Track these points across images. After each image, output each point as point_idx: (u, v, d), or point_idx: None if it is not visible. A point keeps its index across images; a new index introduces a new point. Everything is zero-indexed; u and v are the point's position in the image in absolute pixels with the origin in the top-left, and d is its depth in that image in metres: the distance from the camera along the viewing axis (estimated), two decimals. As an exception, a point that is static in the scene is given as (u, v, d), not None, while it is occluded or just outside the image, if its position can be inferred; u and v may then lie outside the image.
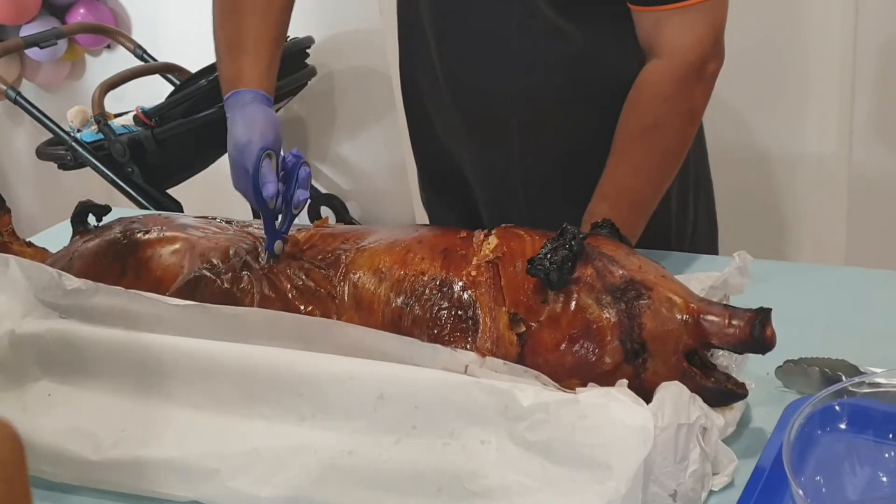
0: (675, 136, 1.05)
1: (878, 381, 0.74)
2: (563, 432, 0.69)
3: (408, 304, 0.83)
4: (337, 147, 2.66)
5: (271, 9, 1.11)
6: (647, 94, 1.03)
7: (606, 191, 1.05)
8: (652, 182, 1.06)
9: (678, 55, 1.00)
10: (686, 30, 0.99)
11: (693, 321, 0.76)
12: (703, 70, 1.01)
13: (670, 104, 1.02)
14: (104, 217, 1.17)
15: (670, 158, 1.06)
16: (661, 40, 1.01)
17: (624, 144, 1.05)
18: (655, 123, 1.03)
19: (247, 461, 0.79)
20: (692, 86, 1.02)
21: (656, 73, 1.02)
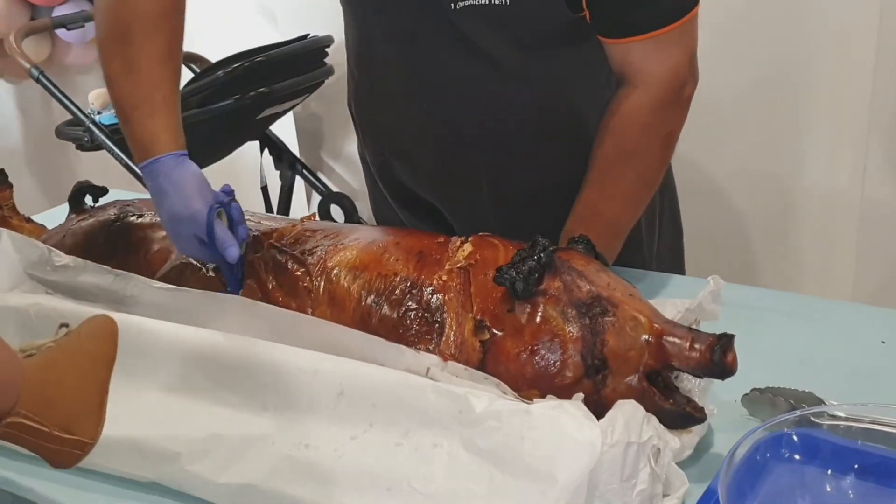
0: (653, 161, 1.05)
1: (837, 413, 0.74)
2: (513, 441, 0.70)
3: (377, 302, 0.84)
4: (351, 146, 2.67)
5: (171, 58, 1.00)
6: (624, 120, 1.02)
7: (582, 213, 1.05)
8: (628, 206, 1.06)
9: (654, 83, 1.00)
10: (660, 58, 0.99)
11: (656, 342, 0.76)
12: (679, 95, 1.01)
13: (649, 130, 1.02)
14: (101, 198, 1.20)
15: (647, 182, 1.06)
16: (635, 69, 1.00)
17: (601, 169, 1.04)
18: (634, 150, 1.03)
19: (207, 447, 0.80)
20: (669, 111, 1.02)
21: (633, 100, 1.01)
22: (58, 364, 0.74)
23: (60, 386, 0.73)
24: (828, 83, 1.87)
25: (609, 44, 1.01)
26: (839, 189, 1.96)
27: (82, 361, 0.74)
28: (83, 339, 0.76)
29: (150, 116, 0.97)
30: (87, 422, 0.72)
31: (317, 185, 2.54)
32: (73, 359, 0.74)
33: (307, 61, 2.33)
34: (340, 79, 2.57)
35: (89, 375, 0.74)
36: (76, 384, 0.73)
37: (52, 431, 0.70)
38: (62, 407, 0.72)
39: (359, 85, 1.21)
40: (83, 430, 0.72)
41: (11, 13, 2.84)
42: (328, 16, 2.38)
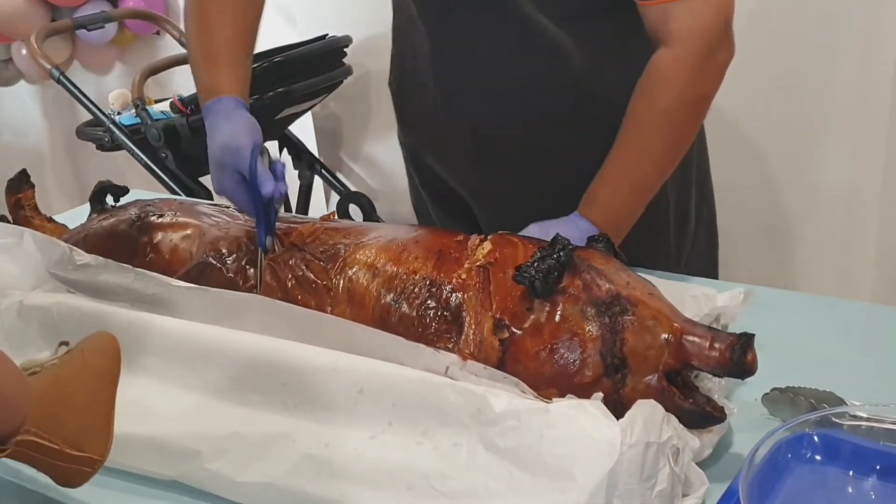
0: (683, 123, 1.04)
1: (859, 414, 0.74)
2: (532, 440, 0.70)
3: (397, 301, 0.85)
4: (369, 146, 2.68)
5: (241, 24, 1.14)
6: (655, 80, 1.02)
7: (608, 175, 1.05)
8: (656, 168, 1.05)
9: (687, 42, 1.00)
10: (694, 17, 0.99)
11: (675, 341, 0.76)
12: (712, 58, 1.01)
13: (679, 91, 1.01)
14: (122, 198, 1.21)
15: (677, 145, 1.05)
16: (669, 29, 1.00)
17: (631, 130, 1.04)
18: (664, 110, 1.02)
19: (227, 445, 0.81)
20: (702, 73, 1.01)
21: (665, 60, 1.02)
22: (64, 381, 0.74)
23: (68, 402, 0.73)
24: (849, 83, 1.86)
25: (645, 5, 1.01)
26: (860, 190, 1.94)
27: (88, 378, 0.75)
28: (87, 355, 0.76)
29: (215, 66, 1.10)
30: (97, 438, 0.72)
31: (335, 184, 2.55)
32: (78, 375, 0.75)
33: (326, 61, 2.34)
34: (359, 79, 2.58)
35: (96, 391, 0.74)
36: (84, 401, 0.73)
37: (62, 449, 0.70)
38: (71, 424, 0.72)
39: (398, 67, 1.23)
40: (93, 447, 0.72)
41: (32, 14, 2.87)
42: (347, 16, 2.40)
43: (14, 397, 0.70)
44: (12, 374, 0.71)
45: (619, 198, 1.03)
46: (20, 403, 0.70)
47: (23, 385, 0.71)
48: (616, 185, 1.04)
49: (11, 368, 0.71)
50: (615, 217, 1.04)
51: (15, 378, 0.71)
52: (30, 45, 2.27)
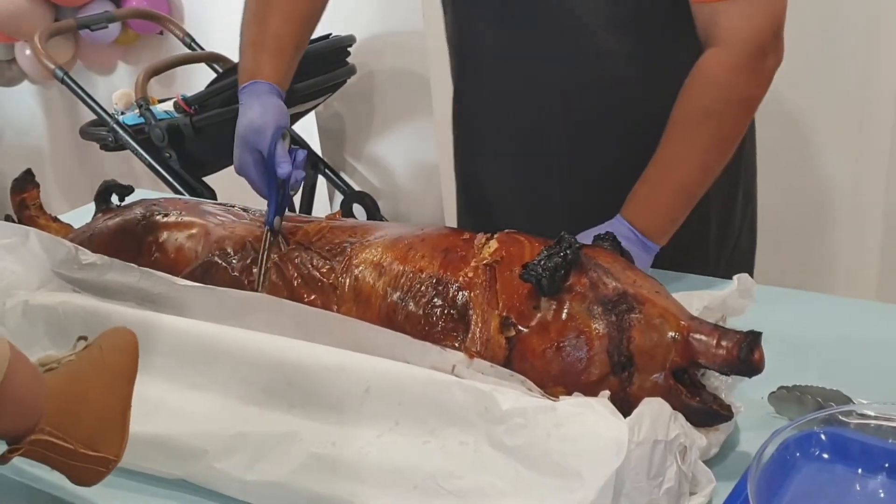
0: (728, 124, 1.03)
1: (866, 412, 0.74)
2: (539, 438, 0.70)
3: (403, 299, 0.85)
4: (372, 146, 2.69)
5: (296, 17, 1.17)
6: (701, 80, 1.02)
7: (652, 173, 1.04)
8: (700, 170, 1.04)
9: (735, 43, 1.00)
10: (744, 19, 0.99)
11: (682, 339, 0.76)
12: (760, 61, 1.00)
13: (724, 92, 1.01)
14: (127, 197, 1.21)
15: (720, 147, 1.04)
16: (718, 29, 1.00)
17: (675, 130, 1.04)
18: (708, 110, 1.02)
19: (234, 444, 0.81)
20: (748, 75, 1.01)
21: (712, 60, 1.01)
22: (81, 378, 0.73)
23: (84, 401, 0.72)
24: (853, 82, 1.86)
25: (698, 4, 1.01)
26: (865, 190, 1.94)
27: (105, 376, 0.74)
28: (105, 353, 0.76)
29: (260, 53, 1.14)
30: (111, 438, 0.72)
31: (339, 184, 2.55)
32: (96, 373, 0.74)
33: (329, 61, 2.34)
34: (362, 78, 2.58)
35: (112, 390, 0.74)
36: (100, 399, 0.73)
37: (76, 449, 0.70)
38: (86, 423, 0.71)
39: (456, 71, 1.25)
40: (107, 447, 0.72)
41: (36, 14, 2.87)
42: (350, 16, 2.40)
43: (30, 396, 0.70)
44: (28, 373, 0.70)
45: (662, 200, 1.02)
46: (36, 402, 0.70)
47: (39, 383, 0.71)
48: (659, 187, 1.03)
49: (27, 367, 0.71)
50: (658, 220, 1.04)
51: (31, 377, 0.71)
52: (34, 45, 2.27)
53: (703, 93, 1.02)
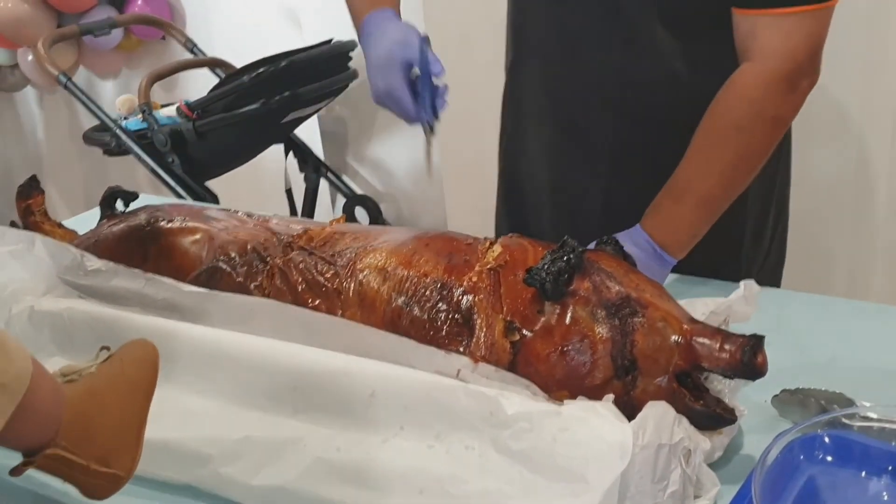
0: (756, 141, 1.03)
1: (869, 415, 0.74)
2: (544, 443, 0.70)
3: (408, 304, 0.85)
4: (375, 149, 2.69)
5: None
6: (733, 94, 1.01)
7: (673, 185, 1.04)
8: (724, 183, 1.04)
9: (770, 60, 0.99)
10: (782, 36, 0.99)
11: (685, 342, 0.76)
12: (795, 81, 1.00)
13: (755, 107, 1.00)
14: (132, 203, 1.21)
15: (747, 163, 1.04)
16: (756, 44, 1.00)
17: (701, 142, 1.03)
18: (737, 125, 1.01)
19: (240, 449, 0.81)
20: (781, 93, 1.00)
21: (746, 74, 1.01)
22: (99, 393, 0.74)
23: (101, 418, 0.73)
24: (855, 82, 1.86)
25: (739, 15, 1.01)
26: (866, 190, 1.94)
27: (123, 390, 0.75)
28: (125, 365, 0.76)
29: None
30: (124, 455, 0.73)
31: (341, 187, 2.55)
32: (114, 388, 0.75)
33: (331, 65, 2.35)
34: (364, 82, 2.57)
35: (129, 406, 0.75)
36: (116, 415, 0.74)
37: (89, 465, 0.71)
38: (101, 440, 0.72)
39: (511, 49, 1.26)
40: (119, 464, 0.72)
41: (39, 21, 2.88)
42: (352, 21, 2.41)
43: (47, 410, 0.70)
44: (47, 386, 0.71)
45: (684, 214, 1.02)
46: (53, 415, 0.70)
47: (57, 395, 0.71)
48: (680, 199, 1.03)
49: (46, 380, 0.71)
50: (678, 234, 1.03)
51: (49, 389, 0.71)
52: (37, 51, 2.28)
53: (733, 107, 1.01)
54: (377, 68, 1.10)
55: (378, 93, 1.11)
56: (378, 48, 1.10)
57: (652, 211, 1.04)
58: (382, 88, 1.10)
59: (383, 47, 1.09)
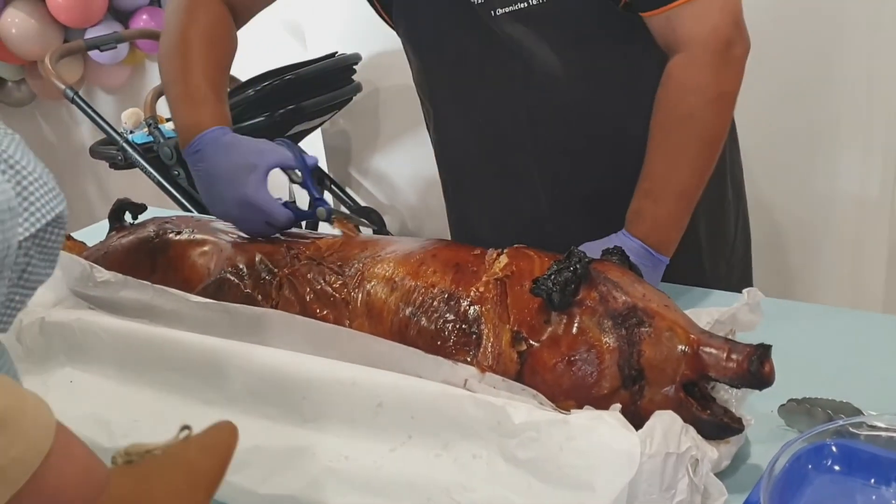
0: (710, 123, 1.04)
1: (877, 424, 0.74)
2: (552, 452, 0.70)
3: (415, 314, 0.85)
4: (378, 162, 2.70)
5: (218, 68, 1.16)
6: (674, 86, 1.03)
7: (648, 186, 1.05)
8: (694, 172, 1.05)
9: (697, 44, 1.01)
10: (700, 20, 1.00)
11: (692, 352, 0.76)
12: (727, 54, 1.01)
13: (699, 92, 1.02)
14: (140, 215, 1.22)
15: (708, 146, 1.05)
16: (679, 36, 1.02)
17: (659, 137, 1.04)
18: (689, 113, 1.03)
19: (248, 457, 0.81)
20: (719, 71, 1.02)
21: (680, 65, 1.03)
22: (150, 480, 0.63)
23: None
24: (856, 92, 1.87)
25: (650, 17, 1.03)
26: (870, 201, 1.95)
27: (180, 480, 0.64)
28: (192, 451, 0.66)
29: (192, 111, 1.10)
30: None
31: (345, 200, 2.56)
32: (170, 475, 0.64)
33: (335, 79, 2.37)
34: (368, 95, 2.60)
35: (183, 497, 0.63)
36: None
37: None
38: None
39: (425, 109, 1.29)
40: None
41: (46, 36, 2.90)
42: (356, 34, 2.43)
43: (79, 492, 0.58)
44: (76, 472, 0.59)
45: (664, 209, 1.03)
46: (87, 499, 0.59)
47: (93, 483, 0.60)
48: (658, 196, 1.04)
49: (75, 465, 0.59)
50: (662, 229, 1.04)
51: (80, 476, 0.59)
52: (44, 66, 2.30)
53: (679, 98, 1.03)
54: (232, 179, 1.03)
55: (231, 203, 1.04)
56: (232, 159, 1.04)
57: (634, 217, 1.05)
58: (240, 197, 1.03)
59: (239, 156, 1.04)
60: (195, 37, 1.13)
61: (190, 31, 1.13)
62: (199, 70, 1.12)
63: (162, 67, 1.17)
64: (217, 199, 1.06)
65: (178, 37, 1.14)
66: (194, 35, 1.13)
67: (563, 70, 1.09)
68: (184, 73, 1.12)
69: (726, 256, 1.25)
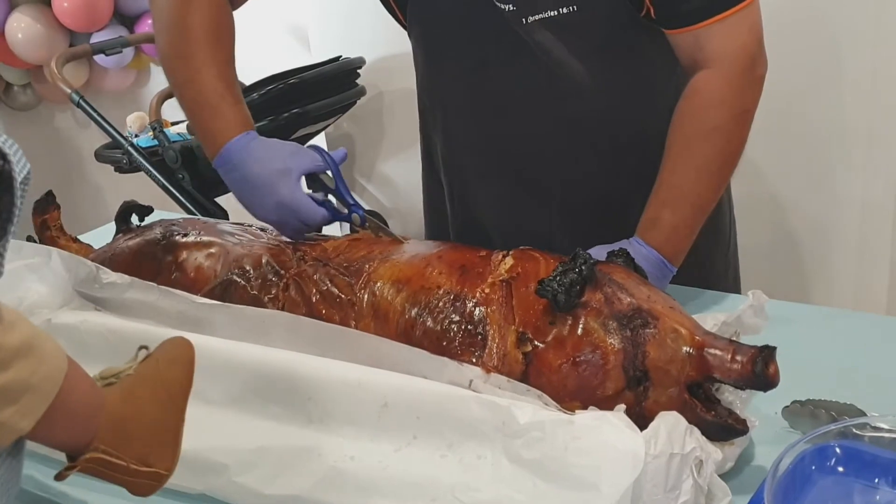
0: (733, 137, 1.06)
1: (880, 425, 0.74)
2: (557, 451, 0.71)
3: (421, 315, 0.86)
4: (382, 165, 2.71)
5: (227, 64, 1.12)
6: (702, 99, 1.04)
7: (666, 196, 1.06)
8: (713, 184, 1.07)
9: (727, 62, 1.02)
10: (730, 38, 1.02)
11: (697, 353, 0.77)
12: (752, 73, 1.04)
13: (727, 107, 1.03)
14: (147, 217, 1.23)
15: (729, 160, 1.07)
16: (707, 53, 1.03)
17: (682, 149, 1.05)
18: (714, 126, 1.04)
19: (254, 458, 0.82)
20: (745, 88, 1.04)
21: (709, 80, 1.04)
22: (136, 394, 0.75)
23: (139, 419, 0.74)
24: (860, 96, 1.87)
25: (678, 34, 1.04)
26: (874, 203, 1.95)
27: (160, 391, 0.76)
28: (162, 366, 0.78)
29: (213, 117, 1.08)
30: (164, 453, 0.74)
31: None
32: (151, 388, 0.76)
33: (339, 82, 2.37)
34: (372, 99, 2.61)
35: (167, 405, 0.76)
36: (154, 415, 0.75)
37: (129, 465, 0.72)
38: (140, 440, 0.73)
39: (432, 115, 1.27)
40: (160, 462, 0.74)
41: (52, 40, 2.91)
42: (360, 38, 2.43)
43: (85, 413, 0.71)
44: (85, 388, 0.72)
45: (681, 218, 1.04)
46: (92, 418, 0.72)
47: (96, 398, 0.73)
48: (677, 206, 1.05)
49: (85, 383, 0.72)
50: (677, 238, 1.05)
51: (87, 392, 0.72)
52: (50, 70, 2.31)
53: (706, 112, 1.04)
54: (268, 184, 1.04)
55: (270, 208, 1.04)
56: (266, 164, 1.04)
57: (650, 225, 1.05)
58: (277, 202, 1.03)
59: (274, 162, 1.04)
60: (198, 27, 1.08)
61: (191, 20, 1.08)
62: (210, 69, 1.08)
63: (167, 69, 1.14)
64: (256, 205, 1.07)
65: (180, 26, 1.09)
66: (197, 24, 1.08)
67: (588, 78, 1.10)
68: (195, 73, 1.09)
69: (723, 252, 1.26)
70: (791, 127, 1.92)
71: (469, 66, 1.15)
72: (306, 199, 1.03)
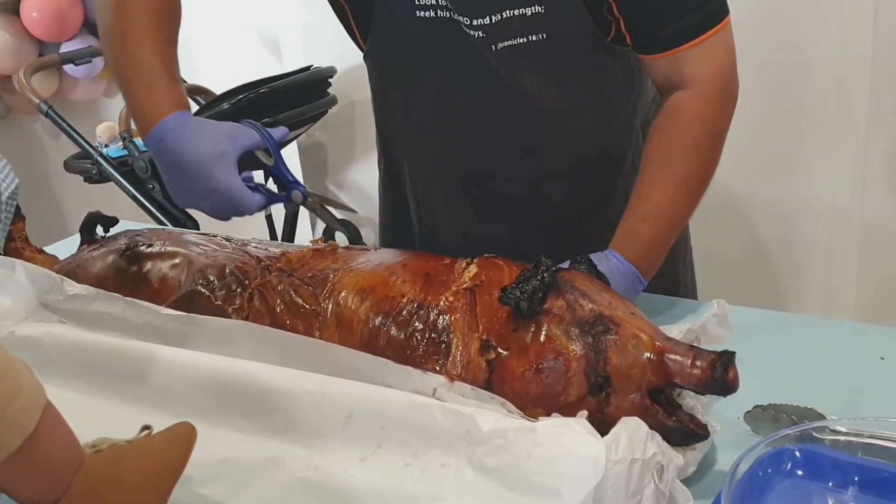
0: (711, 156, 1.07)
1: (838, 428, 0.75)
2: (519, 459, 0.71)
3: (385, 324, 0.86)
4: (354, 174, 2.71)
5: (168, 42, 1.09)
6: (682, 118, 1.06)
7: (646, 211, 1.06)
8: (689, 201, 1.08)
9: (705, 82, 1.04)
10: (708, 61, 1.04)
11: (658, 359, 0.77)
12: (729, 92, 1.06)
13: (707, 125, 1.05)
14: (112, 228, 1.22)
15: (706, 178, 1.08)
16: (684, 75, 1.04)
17: (662, 166, 1.06)
18: (694, 144, 1.05)
19: (218, 469, 0.81)
20: (723, 107, 1.06)
21: (688, 99, 1.05)
22: (121, 462, 0.70)
23: (117, 486, 0.69)
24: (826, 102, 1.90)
25: (655, 59, 1.05)
26: (840, 208, 1.98)
27: (147, 465, 0.71)
28: (156, 441, 0.73)
29: (147, 94, 1.04)
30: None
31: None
32: (138, 460, 0.71)
33: (311, 91, 2.37)
34: (343, 108, 2.61)
35: (151, 481, 0.70)
36: (135, 487, 0.69)
37: None
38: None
39: (396, 135, 1.27)
40: None
41: (21, 50, 2.89)
42: (331, 47, 2.43)
43: (60, 465, 0.66)
44: (63, 438, 0.67)
45: (658, 233, 1.05)
46: (65, 475, 0.66)
47: (74, 453, 0.68)
48: (656, 221, 1.06)
49: (63, 432, 0.67)
50: (652, 252, 1.06)
51: (66, 443, 0.67)
52: (19, 79, 2.29)
53: (686, 129, 1.05)
54: (201, 170, 1.00)
55: (202, 195, 1.02)
56: (200, 148, 1.01)
57: (627, 239, 1.06)
58: (210, 189, 1.01)
59: (208, 144, 1.01)
60: (140, 2, 1.06)
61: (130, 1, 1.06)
62: (148, 46, 1.05)
63: (105, 44, 1.10)
64: (184, 191, 1.04)
65: (118, 6, 1.07)
66: (135, 4, 1.06)
67: (556, 101, 1.11)
68: (131, 51, 1.05)
69: (682, 257, 1.28)
70: (757, 134, 1.94)
71: (437, 90, 1.15)
72: (241, 186, 1.01)
